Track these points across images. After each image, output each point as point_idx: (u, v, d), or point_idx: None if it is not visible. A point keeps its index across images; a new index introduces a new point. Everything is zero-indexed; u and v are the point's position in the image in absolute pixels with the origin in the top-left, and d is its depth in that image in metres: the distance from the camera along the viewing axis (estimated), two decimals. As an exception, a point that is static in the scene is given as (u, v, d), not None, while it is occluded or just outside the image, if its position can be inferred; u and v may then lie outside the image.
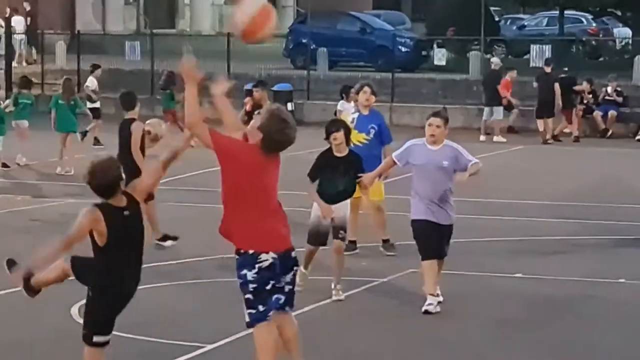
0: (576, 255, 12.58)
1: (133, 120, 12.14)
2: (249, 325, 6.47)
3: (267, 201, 6.24)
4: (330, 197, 9.44)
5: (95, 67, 23.73)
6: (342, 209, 9.58)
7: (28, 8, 36.25)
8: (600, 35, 38.01)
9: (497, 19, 40.63)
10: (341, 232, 9.48)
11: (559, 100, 24.55)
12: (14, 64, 30.90)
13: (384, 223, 12.09)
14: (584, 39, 35.31)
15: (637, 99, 25.72)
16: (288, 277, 6.46)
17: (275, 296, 6.36)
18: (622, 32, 38.48)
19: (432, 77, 30.48)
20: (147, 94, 25.74)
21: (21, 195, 16.93)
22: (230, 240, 6.34)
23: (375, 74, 28.95)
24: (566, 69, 27.16)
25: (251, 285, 6.28)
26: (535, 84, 25.33)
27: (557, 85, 24.55)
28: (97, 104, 22.45)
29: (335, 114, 19.28)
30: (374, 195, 11.55)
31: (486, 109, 24.38)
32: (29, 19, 35.85)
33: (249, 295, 6.37)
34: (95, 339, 6.02)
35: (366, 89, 12.51)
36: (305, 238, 9.61)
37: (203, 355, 8.53)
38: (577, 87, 25.38)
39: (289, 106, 23.23)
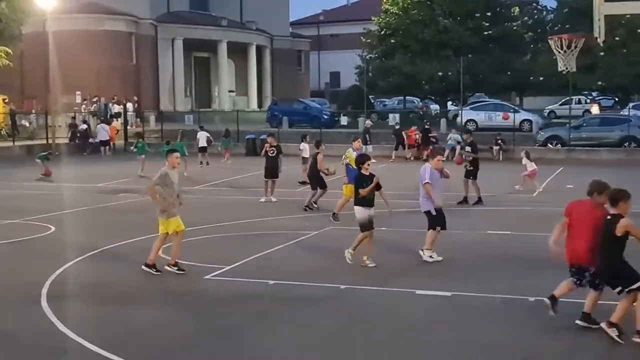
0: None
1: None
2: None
3: None
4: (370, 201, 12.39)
5: (183, 132, 30.29)
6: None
7: (136, 98, 48.05)
8: (424, 109, 51.08)
9: (372, 101, 53.17)
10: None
11: (419, 141, 33.78)
12: (128, 127, 42.76)
13: (343, 206, 16.57)
14: (415, 110, 49.48)
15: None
16: None
17: None
18: (434, 107, 52.33)
19: (340, 130, 41.16)
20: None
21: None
22: None
23: (312, 130, 37.86)
24: (428, 123, 38.08)
25: None
26: (392, 135, 35.11)
27: (403, 134, 34.39)
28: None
29: (299, 149, 25.33)
30: (349, 193, 16.06)
31: (366, 146, 30.56)
32: (136, 103, 47.85)
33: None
34: None
35: (359, 140, 18.27)
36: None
37: (224, 272, 11.90)
38: (430, 134, 34.54)
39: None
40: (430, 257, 12.86)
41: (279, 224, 17.07)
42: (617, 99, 50.80)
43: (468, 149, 20.85)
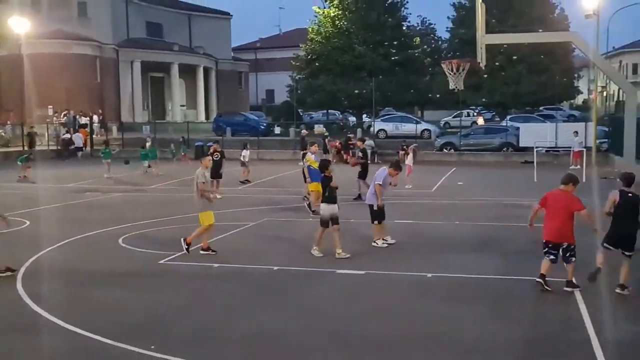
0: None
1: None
2: None
3: None
4: (334, 199, 12.06)
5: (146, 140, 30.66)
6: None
7: (100, 111, 47.16)
8: (344, 120, 52.11)
9: (301, 114, 52.64)
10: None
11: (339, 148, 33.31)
12: (94, 136, 41.86)
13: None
14: (336, 121, 50.14)
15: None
16: None
17: None
18: (352, 119, 52.31)
19: (274, 138, 42.11)
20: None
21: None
22: None
23: (251, 138, 37.56)
24: (349, 133, 37.83)
25: None
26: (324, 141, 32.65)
27: (327, 142, 33.05)
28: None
29: (242, 155, 24.70)
30: (315, 189, 16.08)
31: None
32: (100, 116, 46.69)
33: None
34: None
35: (315, 145, 18.17)
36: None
37: (176, 257, 11.84)
38: (350, 142, 33.44)
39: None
40: (384, 242, 12.92)
41: (222, 217, 16.95)
42: (496, 113, 52.09)
43: (360, 154, 20.63)
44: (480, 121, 47.32)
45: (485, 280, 10.44)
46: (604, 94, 71.70)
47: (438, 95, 48.60)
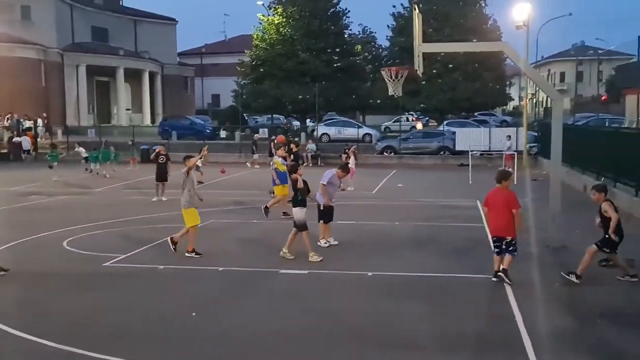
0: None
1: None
2: None
3: None
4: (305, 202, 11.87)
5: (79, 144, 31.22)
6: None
7: (45, 115, 45.80)
8: (288, 124, 51.28)
9: (246, 118, 52.91)
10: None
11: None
12: (39, 139, 40.56)
13: (283, 202, 15.81)
14: (281, 126, 49.01)
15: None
16: None
17: None
18: (296, 123, 52.23)
19: (221, 142, 40.54)
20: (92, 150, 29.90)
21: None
22: None
23: (197, 142, 37.58)
24: (295, 138, 37.33)
25: None
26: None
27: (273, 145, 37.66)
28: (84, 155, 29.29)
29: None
30: (280, 192, 16.24)
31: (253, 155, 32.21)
32: (45, 119, 45.34)
33: None
34: None
35: (282, 149, 17.93)
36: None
37: (120, 259, 11.70)
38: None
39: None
40: (326, 243, 12.87)
41: (169, 219, 16.67)
42: (433, 118, 52.98)
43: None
44: (419, 126, 48.12)
45: (423, 278, 10.56)
46: (534, 100, 73.78)
47: (379, 101, 49.26)
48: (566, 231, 13.31)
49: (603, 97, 60.26)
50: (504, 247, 9.98)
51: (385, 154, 36.60)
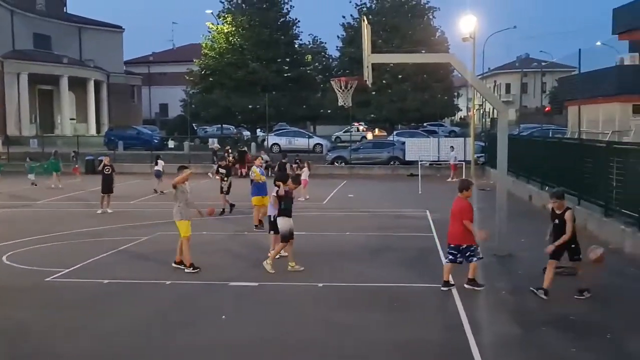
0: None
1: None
2: None
3: None
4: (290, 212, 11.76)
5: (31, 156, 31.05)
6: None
7: None
8: (238, 134, 50.54)
9: (196, 128, 52.58)
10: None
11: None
12: None
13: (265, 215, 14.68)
14: (231, 136, 48.87)
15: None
16: None
17: None
18: (246, 133, 51.88)
19: (169, 152, 39.34)
20: (40, 161, 31.18)
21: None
22: None
23: (144, 152, 39.35)
24: (244, 147, 36.76)
25: None
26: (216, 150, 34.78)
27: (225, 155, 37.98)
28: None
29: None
30: (257, 203, 15.90)
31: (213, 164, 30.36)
32: None
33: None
34: None
35: (260, 158, 17.93)
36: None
37: (64, 274, 12.34)
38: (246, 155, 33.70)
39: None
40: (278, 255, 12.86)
41: (115, 232, 16.42)
42: (380, 128, 53.44)
43: (223, 170, 19.92)
44: (370, 136, 48.55)
45: (374, 288, 10.61)
46: (481, 111, 75.22)
47: (329, 111, 49.46)
48: (513, 240, 13.63)
49: (547, 108, 62.02)
50: (459, 256, 10.15)
51: (336, 164, 36.78)
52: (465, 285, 10.20)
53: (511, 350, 7.83)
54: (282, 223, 11.77)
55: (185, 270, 11.57)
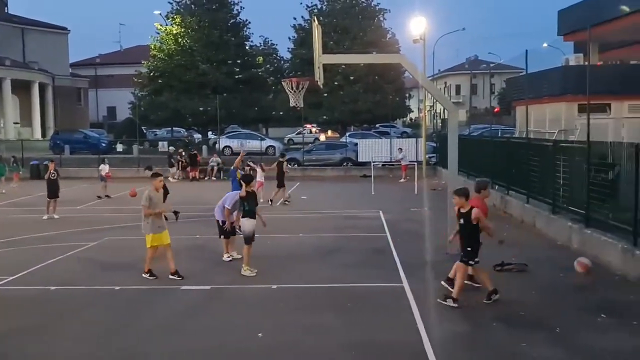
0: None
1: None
2: None
3: None
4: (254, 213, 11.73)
5: None
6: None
7: None
8: (189, 137, 50.35)
9: (145, 131, 52.19)
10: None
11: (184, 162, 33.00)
12: None
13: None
14: (181, 138, 48.36)
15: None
16: None
17: None
18: (197, 136, 51.47)
19: (117, 156, 38.69)
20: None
21: None
22: None
23: (92, 156, 37.69)
24: (193, 149, 36.02)
25: None
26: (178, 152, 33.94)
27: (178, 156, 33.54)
28: None
29: (99, 169, 24.97)
30: None
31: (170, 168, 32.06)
32: None
33: None
34: None
35: (241, 160, 17.69)
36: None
37: (9, 281, 12.28)
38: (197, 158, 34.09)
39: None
40: (229, 257, 12.79)
41: (63, 237, 16.04)
42: (333, 130, 53.64)
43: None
44: (322, 138, 48.66)
45: (328, 289, 10.64)
46: (432, 112, 76.43)
47: (281, 113, 49.44)
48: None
49: (496, 109, 63.31)
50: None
51: (289, 166, 36.54)
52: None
53: (464, 347, 7.99)
54: (247, 224, 11.72)
55: (143, 275, 11.39)
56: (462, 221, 9.62)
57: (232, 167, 16.73)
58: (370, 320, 8.98)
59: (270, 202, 21.70)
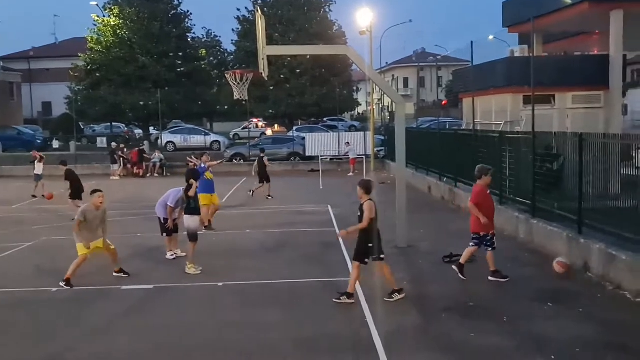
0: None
1: None
2: None
3: None
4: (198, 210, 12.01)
5: None
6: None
7: None
8: (129, 133, 50.43)
9: (83, 127, 51.48)
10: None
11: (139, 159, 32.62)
12: None
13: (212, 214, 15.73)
14: (121, 134, 47.72)
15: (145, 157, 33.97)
16: None
17: None
18: (138, 131, 50.79)
19: (54, 154, 34.73)
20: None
21: None
22: None
23: (26, 153, 35.14)
24: (143, 145, 37.05)
25: None
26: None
27: (121, 153, 33.00)
28: None
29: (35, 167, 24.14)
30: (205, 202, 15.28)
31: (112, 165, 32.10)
32: None
33: None
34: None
35: (207, 155, 16.95)
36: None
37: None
38: (145, 154, 33.87)
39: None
40: (172, 255, 12.70)
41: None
42: (279, 124, 53.63)
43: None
44: (269, 132, 48.55)
45: (276, 284, 10.65)
46: (380, 105, 77.21)
47: (226, 107, 49.27)
48: (413, 231, 14.09)
49: (443, 102, 64.42)
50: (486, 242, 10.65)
51: (234, 161, 36.51)
52: (490, 278, 10.54)
53: (414, 339, 8.10)
54: (192, 222, 11.70)
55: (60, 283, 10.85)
56: (359, 213, 9.47)
57: (201, 164, 16.54)
58: (318, 315, 9.01)
59: (251, 193, 22.84)
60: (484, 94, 23.83)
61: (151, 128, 49.78)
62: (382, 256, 9.42)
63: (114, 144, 34.42)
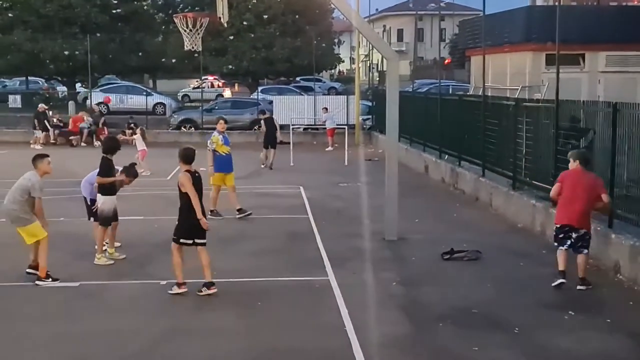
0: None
1: None
2: None
3: None
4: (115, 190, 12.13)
5: None
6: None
7: None
8: (50, 90, 49.65)
9: None
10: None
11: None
12: None
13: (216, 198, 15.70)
14: (40, 92, 47.59)
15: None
16: None
17: None
18: (61, 89, 50.75)
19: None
20: None
21: None
22: None
23: None
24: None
25: None
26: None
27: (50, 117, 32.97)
28: None
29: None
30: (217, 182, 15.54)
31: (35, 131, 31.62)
32: None
33: None
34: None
35: (222, 121, 16.52)
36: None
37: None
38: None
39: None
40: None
41: None
42: (241, 83, 53.44)
43: None
44: (227, 93, 48.42)
45: (233, 284, 10.63)
46: (368, 63, 76.93)
47: (174, 60, 48.94)
48: (405, 220, 14.14)
49: (446, 60, 64.41)
50: (572, 241, 10.35)
51: (183, 129, 36.36)
52: (578, 287, 10.29)
53: (403, 354, 8.14)
54: (107, 202, 11.75)
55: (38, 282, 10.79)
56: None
57: (222, 134, 16.39)
58: (284, 322, 9.05)
59: (270, 168, 24.28)
60: (497, 51, 23.96)
61: (78, 85, 49.33)
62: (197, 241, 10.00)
63: (42, 106, 33.92)
